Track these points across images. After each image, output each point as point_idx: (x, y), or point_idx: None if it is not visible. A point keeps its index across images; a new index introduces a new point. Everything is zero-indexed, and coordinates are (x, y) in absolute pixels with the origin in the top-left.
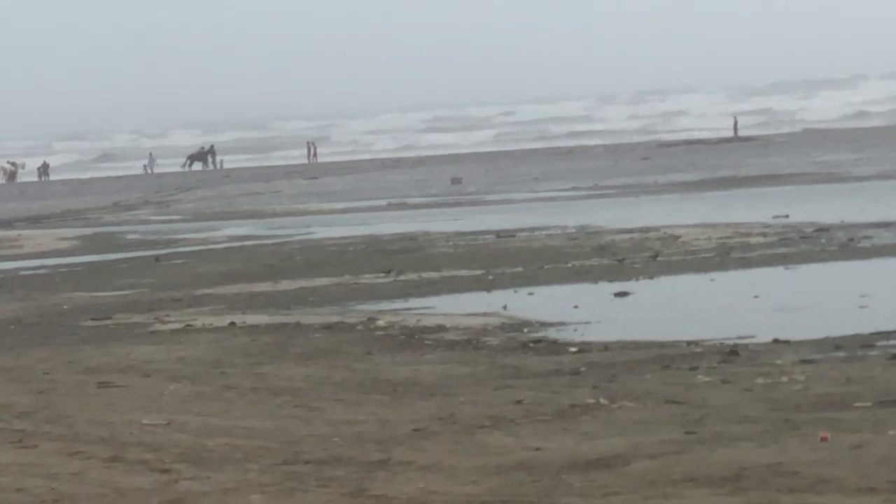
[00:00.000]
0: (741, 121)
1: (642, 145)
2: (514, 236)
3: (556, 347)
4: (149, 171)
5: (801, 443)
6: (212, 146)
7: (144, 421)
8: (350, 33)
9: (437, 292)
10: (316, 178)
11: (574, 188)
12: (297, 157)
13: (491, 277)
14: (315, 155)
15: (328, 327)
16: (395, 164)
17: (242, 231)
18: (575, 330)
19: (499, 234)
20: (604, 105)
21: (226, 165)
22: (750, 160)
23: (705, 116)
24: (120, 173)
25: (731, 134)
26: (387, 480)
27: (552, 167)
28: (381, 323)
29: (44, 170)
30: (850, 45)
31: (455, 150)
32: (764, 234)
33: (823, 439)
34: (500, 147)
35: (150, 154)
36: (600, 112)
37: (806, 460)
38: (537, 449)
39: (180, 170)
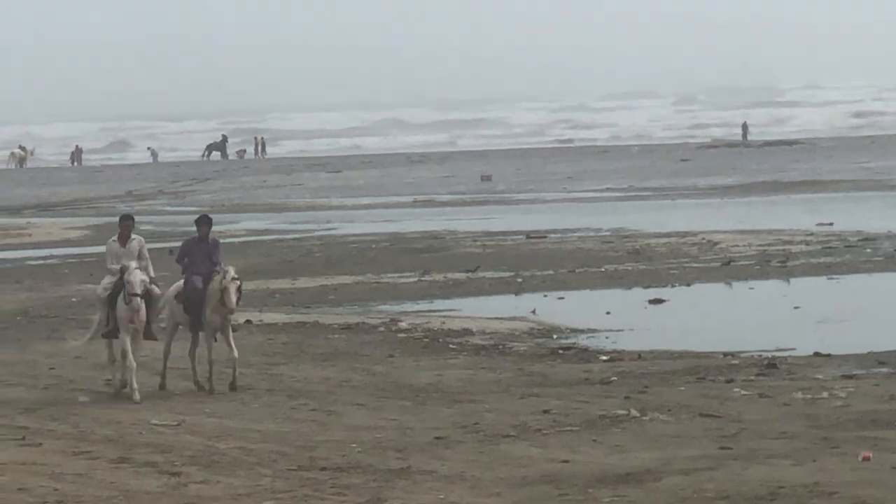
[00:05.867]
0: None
1: (681, 146)
2: (544, 237)
3: (587, 355)
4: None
5: (841, 462)
6: (224, 136)
7: (154, 421)
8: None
9: (464, 294)
10: (339, 171)
11: (608, 189)
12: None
13: (520, 280)
14: (263, 150)
15: (348, 328)
16: (421, 158)
17: (261, 225)
18: (606, 337)
19: (529, 234)
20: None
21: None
22: (793, 164)
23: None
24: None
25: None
26: (406, 490)
27: (585, 166)
28: (403, 325)
29: (76, 155)
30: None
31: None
32: (806, 242)
33: (865, 459)
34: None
35: (150, 148)
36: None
37: (845, 480)
38: (564, 461)
39: (198, 159)
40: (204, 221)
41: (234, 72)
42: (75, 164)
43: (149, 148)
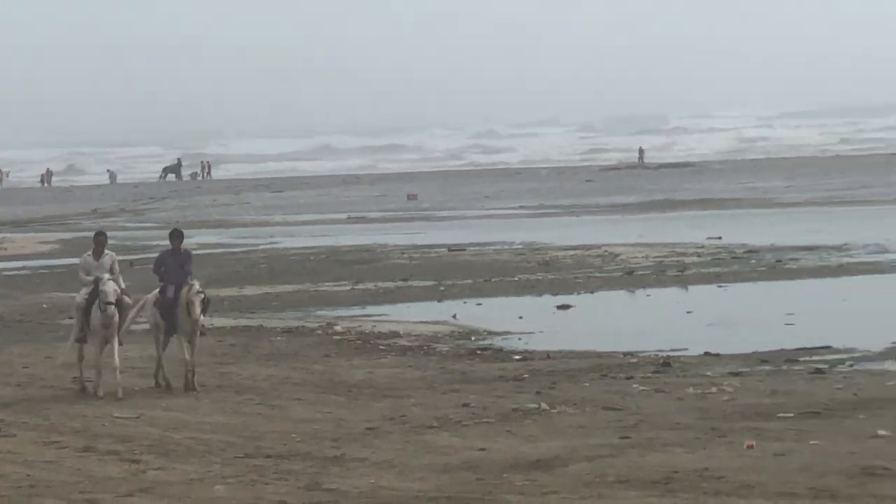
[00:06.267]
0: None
1: (586, 169)
2: (464, 250)
3: (502, 355)
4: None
5: (728, 450)
6: (178, 160)
7: (116, 414)
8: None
9: (392, 301)
10: (281, 191)
11: (521, 207)
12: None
13: (442, 288)
14: (209, 173)
15: (289, 331)
16: (355, 180)
17: (212, 239)
18: (519, 339)
19: (450, 247)
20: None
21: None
22: (686, 185)
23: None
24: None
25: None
26: (340, 475)
27: (502, 187)
28: (338, 328)
29: (47, 177)
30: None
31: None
32: (698, 254)
33: (749, 447)
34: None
35: (109, 171)
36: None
37: (732, 466)
38: (482, 449)
39: (155, 180)
40: (176, 235)
41: (179, 99)
42: (45, 185)
43: (108, 170)
